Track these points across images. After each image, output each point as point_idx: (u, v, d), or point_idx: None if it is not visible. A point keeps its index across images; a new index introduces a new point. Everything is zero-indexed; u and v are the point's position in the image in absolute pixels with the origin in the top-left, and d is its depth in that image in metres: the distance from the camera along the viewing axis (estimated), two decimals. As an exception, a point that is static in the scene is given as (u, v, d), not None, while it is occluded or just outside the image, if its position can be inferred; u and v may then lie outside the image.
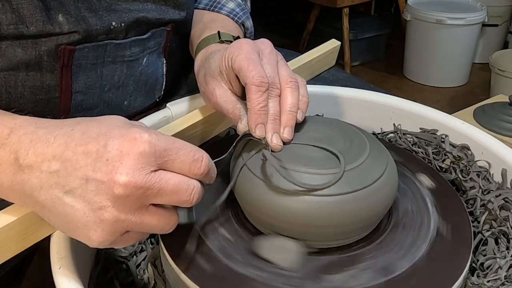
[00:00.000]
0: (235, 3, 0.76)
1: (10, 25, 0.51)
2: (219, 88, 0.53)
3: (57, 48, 0.55)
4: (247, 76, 0.48)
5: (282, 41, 2.87)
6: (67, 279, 0.41)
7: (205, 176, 0.41)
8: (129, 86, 0.66)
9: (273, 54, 0.52)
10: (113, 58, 0.61)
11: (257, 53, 0.51)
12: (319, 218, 0.44)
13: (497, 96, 1.72)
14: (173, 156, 0.38)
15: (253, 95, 0.48)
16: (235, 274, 0.44)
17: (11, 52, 0.53)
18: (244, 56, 0.49)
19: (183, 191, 0.39)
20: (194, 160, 0.39)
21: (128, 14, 0.60)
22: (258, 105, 0.48)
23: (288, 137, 0.48)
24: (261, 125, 0.48)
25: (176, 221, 0.42)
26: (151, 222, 0.39)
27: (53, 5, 0.54)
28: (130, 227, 0.39)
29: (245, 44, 0.51)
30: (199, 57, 0.65)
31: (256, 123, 0.48)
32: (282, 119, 0.49)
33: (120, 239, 0.39)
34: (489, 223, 0.54)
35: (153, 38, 0.66)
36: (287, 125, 0.49)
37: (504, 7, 2.48)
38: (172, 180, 0.38)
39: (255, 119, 0.48)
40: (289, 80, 0.50)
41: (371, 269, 0.44)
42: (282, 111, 0.49)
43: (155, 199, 0.38)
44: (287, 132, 0.49)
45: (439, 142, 0.64)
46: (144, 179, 0.36)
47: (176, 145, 0.39)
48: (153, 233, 0.41)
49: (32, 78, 0.56)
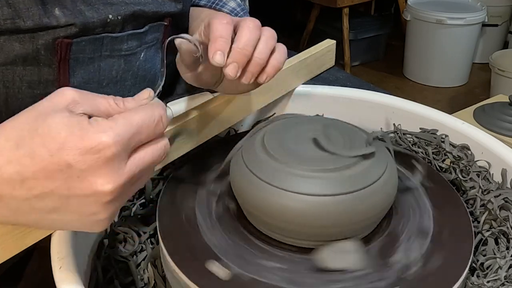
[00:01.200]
0: (235, 2, 0.76)
1: (7, 19, 0.52)
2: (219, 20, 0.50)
3: (54, 41, 0.55)
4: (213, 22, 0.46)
5: (282, 41, 2.86)
6: (68, 279, 0.41)
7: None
8: (127, 81, 0.66)
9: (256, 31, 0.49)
10: (110, 51, 0.61)
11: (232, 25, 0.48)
12: (319, 218, 0.44)
13: (497, 96, 1.72)
14: (138, 137, 0.36)
15: (217, 25, 0.46)
16: (235, 273, 0.44)
17: (8, 46, 0.53)
18: (218, 21, 0.47)
19: (159, 158, 0.38)
20: (156, 125, 0.37)
21: (124, 7, 0.60)
22: (220, 33, 0.45)
23: (229, 73, 0.46)
24: (221, 53, 0.45)
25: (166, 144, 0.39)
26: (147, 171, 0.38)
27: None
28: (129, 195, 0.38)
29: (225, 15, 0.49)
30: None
31: (216, 49, 0.45)
32: (231, 54, 0.46)
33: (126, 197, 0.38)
34: (489, 223, 0.54)
35: (150, 33, 0.66)
36: (235, 60, 0.46)
37: (504, 7, 2.48)
38: (147, 156, 0.37)
39: (216, 46, 0.45)
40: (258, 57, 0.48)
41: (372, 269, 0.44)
42: (233, 47, 0.47)
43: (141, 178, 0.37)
44: (230, 68, 0.46)
45: (439, 142, 0.64)
46: (124, 175, 0.35)
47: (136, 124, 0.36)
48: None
49: (29, 72, 0.56)
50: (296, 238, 0.46)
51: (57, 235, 0.45)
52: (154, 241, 0.56)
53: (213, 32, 0.46)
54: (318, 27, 2.65)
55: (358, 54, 2.64)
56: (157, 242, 0.55)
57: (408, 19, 2.43)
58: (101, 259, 0.52)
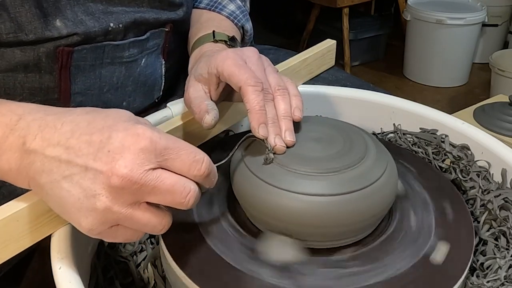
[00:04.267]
0: (235, 5, 0.76)
1: (9, 33, 0.52)
2: (194, 87, 0.54)
3: (55, 49, 0.55)
4: (240, 79, 0.48)
5: (282, 41, 2.87)
6: (68, 279, 0.41)
7: (204, 178, 0.40)
8: (128, 87, 0.66)
9: (260, 61, 0.52)
10: (111, 59, 0.61)
11: (244, 61, 0.51)
12: (319, 218, 0.44)
13: (497, 96, 1.72)
14: (174, 155, 0.38)
15: (251, 95, 0.47)
16: (235, 273, 0.44)
17: (9, 53, 0.53)
18: (231, 62, 0.49)
19: (179, 192, 0.38)
20: (194, 161, 0.39)
21: (125, 15, 0.60)
22: (257, 104, 0.47)
23: (291, 140, 0.48)
24: (263, 124, 0.47)
25: (168, 222, 0.41)
26: (142, 220, 0.39)
27: (50, 11, 0.54)
28: (121, 221, 0.39)
29: (231, 53, 0.51)
30: (193, 56, 0.65)
31: (259, 122, 0.47)
32: (280, 124, 0.49)
33: (108, 231, 0.39)
34: (489, 223, 0.54)
35: (152, 39, 0.66)
36: (287, 128, 0.48)
37: (504, 7, 2.48)
38: (169, 180, 0.38)
39: (257, 119, 0.47)
40: (277, 88, 0.50)
41: (372, 269, 0.44)
42: (278, 117, 0.49)
43: (149, 197, 0.38)
44: (288, 134, 0.48)
45: (439, 142, 0.64)
46: (141, 175, 0.37)
47: (178, 145, 0.39)
48: (144, 231, 0.40)
49: (31, 79, 0.56)
50: (296, 238, 0.46)
51: (57, 235, 0.45)
52: (154, 241, 0.56)
53: (249, 101, 0.47)
54: (318, 27, 2.65)
55: (358, 54, 2.64)
56: (157, 242, 0.55)
57: (408, 19, 2.42)
58: (101, 259, 0.52)
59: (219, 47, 0.64)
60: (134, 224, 0.39)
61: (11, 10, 0.51)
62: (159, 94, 0.73)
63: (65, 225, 0.46)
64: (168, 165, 0.38)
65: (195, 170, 0.39)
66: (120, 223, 0.39)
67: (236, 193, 0.49)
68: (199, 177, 0.40)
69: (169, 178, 0.38)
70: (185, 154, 0.39)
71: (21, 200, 0.43)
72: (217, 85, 0.53)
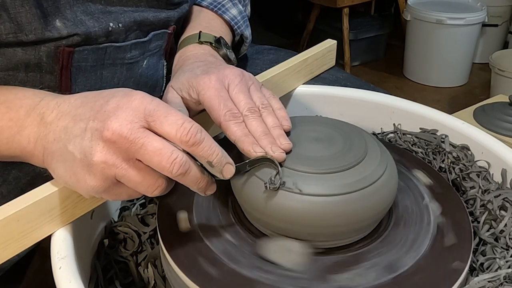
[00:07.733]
0: (237, 9, 0.75)
1: (9, 34, 0.52)
2: (172, 93, 0.56)
3: (56, 49, 0.55)
4: (219, 115, 0.49)
5: (282, 41, 2.87)
6: (68, 279, 0.41)
7: (193, 146, 0.40)
8: (128, 87, 0.66)
9: (243, 82, 0.53)
10: (113, 60, 0.61)
11: (225, 88, 0.52)
12: (319, 218, 0.44)
13: (497, 96, 1.72)
14: (162, 119, 0.40)
15: (232, 128, 0.48)
16: (235, 273, 0.44)
17: (10, 51, 0.53)
18: (213, 94, 0.50)
19: (166, 156, 0.39)
20: (182, 126, 0.40)
21: (124, 15, 0.60)
22: (241, 132, 0.48)
23: (286, 143, 0.48)
24: (255, 144, 0.47)
25: (163, 184, 0.42)
26: (136, 177, 0.41)
27: (50, 11, 0.54)
28: (118, 176, 0.41)
29: (213, 80, 0.52)
30: (177, 56, 0.66)
31: (250, 144, 0.47)
32: (272, 134, 0.49)
33: (112, 188, 0.42)
34: (489, 223, 0.54)
35: (154, 41, 0.66)
36: (280, 135, 0.49)
37: (504, 7, 2.48)
38: (157, 142, 0.40)
39: (247, 142, 0.47)
40: (261, 107, 0.51)
41: (376, 267, 0.44)
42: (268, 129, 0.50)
43: (138, 154, 0.40)
44: (283, 140, 0.48)
45: (439, 142, 0.64)
46: (130, 131, 0.39)
47: (168, 109, 0.41)
48: (139, 190, 0.42)
49: (31, 79, 0.56)
50: (296, 238, 0.46)
51: (57, 235, 0.45)
52: (154, 241, 0.56)
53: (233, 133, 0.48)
54: (318, 27, 2.65)
55: (358, 54, 2.64)
56: (157, 242, 0.55)
57: (408, 19, 2.43)
58: (101, 259, 0.52)
59: (204, 50, 0.65)
60: (130, 181, 0.41)
61: (11, 10, 0.51)
62: (160, 95, 0.73)
63: (65, 225, 0.46)
64: (157, 127, 0.40)
65: (181, 135, 0.40)
66: (119, 178, 0.41)
67: (236, 193, 0.49)
68: (186, 143, 0.40)
69: (158, 141, 0.40)
70: (173, 119, 0.40)
71: (21, 200, 0.43)
72: (196, 104, 0.55)
